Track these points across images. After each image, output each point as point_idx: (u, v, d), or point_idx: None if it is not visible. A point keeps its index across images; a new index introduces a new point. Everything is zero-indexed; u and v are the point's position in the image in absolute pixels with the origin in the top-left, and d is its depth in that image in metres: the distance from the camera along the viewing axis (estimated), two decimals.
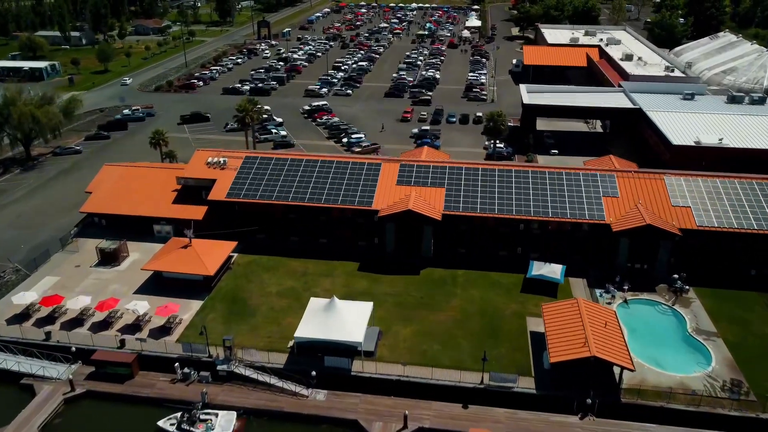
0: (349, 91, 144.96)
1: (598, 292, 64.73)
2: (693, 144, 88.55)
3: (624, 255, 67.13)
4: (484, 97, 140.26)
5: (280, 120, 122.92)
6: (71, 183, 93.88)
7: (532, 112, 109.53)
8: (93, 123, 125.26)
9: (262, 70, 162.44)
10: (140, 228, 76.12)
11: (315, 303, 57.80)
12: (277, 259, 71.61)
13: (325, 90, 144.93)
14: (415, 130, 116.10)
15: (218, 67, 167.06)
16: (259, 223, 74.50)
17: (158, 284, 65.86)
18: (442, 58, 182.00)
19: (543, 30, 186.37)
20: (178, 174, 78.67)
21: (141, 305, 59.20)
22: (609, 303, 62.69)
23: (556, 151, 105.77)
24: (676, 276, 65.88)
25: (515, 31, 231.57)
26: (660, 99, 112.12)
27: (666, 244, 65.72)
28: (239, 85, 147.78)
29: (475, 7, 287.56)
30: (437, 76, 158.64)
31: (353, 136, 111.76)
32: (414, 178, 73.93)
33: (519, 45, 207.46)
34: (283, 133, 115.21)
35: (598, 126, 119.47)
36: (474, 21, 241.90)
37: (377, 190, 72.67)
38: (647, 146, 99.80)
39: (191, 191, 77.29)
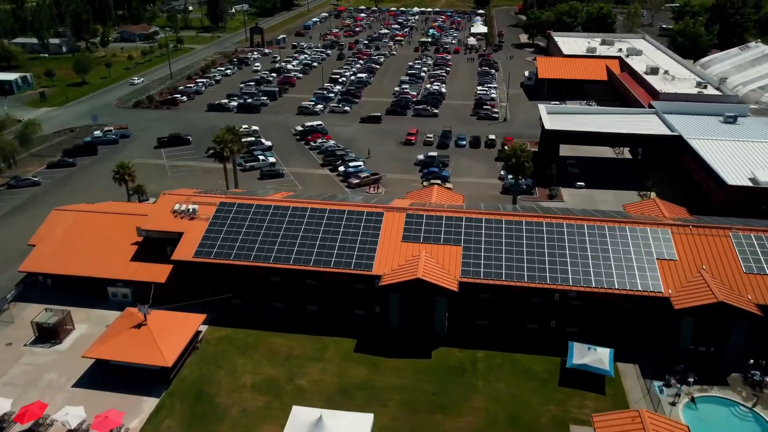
0: (346, 108, 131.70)
1: (656, 385, 51.46)
2: (750, 184, 75.42)
3: (687, 337, 53.91)
4: (496, 115, 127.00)
5: (268, 143, 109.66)
6: (22, 225, 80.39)
7: (555, 138, 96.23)
8: (60, 146, 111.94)
9: (252, 83, 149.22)
10: (93, 290, 63.04)
11: (298, 416, 44.47)
12: (255, 333, 58.34)
13: (320, 107, 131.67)
14: (421, 157, 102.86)
15: (205, 80, 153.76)
16: (235, 287, 61.40)
17: (104, 373, 52.58)
18: (448, 68, 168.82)
19: (556, 38, 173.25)
20: (140, 223, 65.45)
21: (74, 414, 45.90)
22: (674, 403, 49.50)
23: (583, 184, 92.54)
24: (751, 361, 52.82)
25: (524, 38, 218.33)
26: (698, 122, 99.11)
27: (741, 325, 52.53)
28: (226, 101, 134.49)
29: (480, 11, 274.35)
30: (443, 89, 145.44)
31: (351, 164, 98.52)
32: (423, 233, 60.72)
33: (529, 53, 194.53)
34: (272, 159, 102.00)
35: (626, 151, 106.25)
36: (480, 27, 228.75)
37: (379, 248, 59.47)
38: (691, 181, 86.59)
39: (155, 245, 64.12)
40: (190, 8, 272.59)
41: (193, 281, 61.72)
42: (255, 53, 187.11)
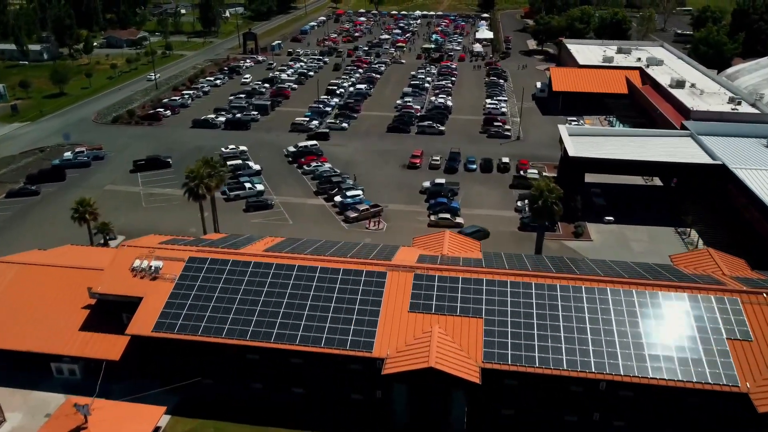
0: (344, 124, 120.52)
1: None
2: None
3: None
4: (508, 134, 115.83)
5: (257, 167, 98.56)
6: None
7: (580, 167, 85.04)
8: (27, 169, 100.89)
9: (243, 95, 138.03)
10: (34, 365, 52.01)
11: None
12: (228, 429, 47.27)
13: (315, 123, 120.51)
14: (427, 184, 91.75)
15: (191, 91, 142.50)
16: (204, 365, 50.35)
17: None
18: (453, 78, 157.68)
19: (569, 46, 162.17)
20: (94, 280, 54.32)
21: None
22: None
23: (612, 219, 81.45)
24: None
25: (532, 44, 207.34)
26: (739, 146, 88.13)
27: None
28: (212, 116, 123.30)
29: (485, 15, 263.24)
30: (449, 103, 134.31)
31: (348, 193, 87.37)
32: (435, 300, 49.59)
33: (539, 61, 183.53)
34: (260, 187, 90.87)
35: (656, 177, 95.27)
36: (485, 32, 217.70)
37: (381, 320, 48.34)
38: (740, 220, 75.53)
39: (110, 309, 53.04)
40: (183, 11, 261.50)
41: (154, 358, 50.66)
42: (247, 61, 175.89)
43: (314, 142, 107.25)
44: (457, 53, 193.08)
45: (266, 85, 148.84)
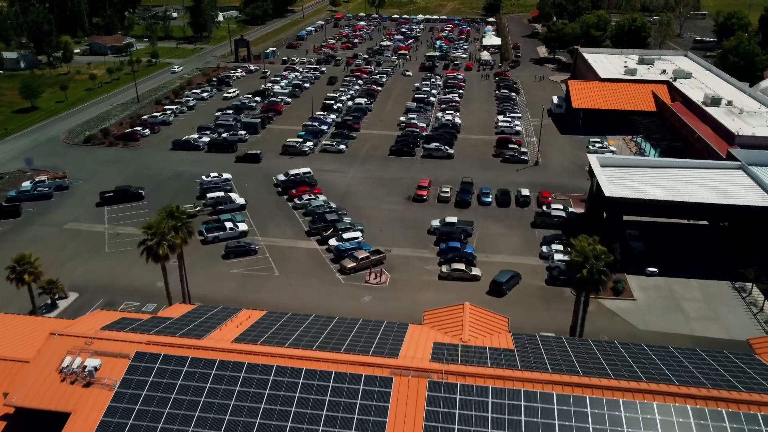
0: (342, 146, 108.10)
1: None
2: None
3: None
4: (525, 158, 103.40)
5: (241, 201, 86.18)
6: None
7: (618, 208, 72.59)
8: None
9: (230, 111, 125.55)
10: None
11: None
12: None
13: (309, 144, 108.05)
14: (436, 223, 79.42)
15: (174, 106, 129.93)
16: None
17: None
18: (461, 90, 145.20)
19: (586, 55, 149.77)
20: (17, 380, 42.03)
21: None
22: None
23: (656, 270, 69.12)
24: None
25: (543, 51, 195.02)
26: None
27: None
28: (196, 136, 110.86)
29: (491, 19, 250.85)
30: (457, 120, 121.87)
31: (346, 236, 75.02)
32: (458, 422, 37.25)
33: (551, 70, 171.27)
34: (243, 227, 78.52)
35: None
36: (492, 38, 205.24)
37: None
38: None
39: (32, 419, 40.76)
40: (175, 15, 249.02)
41: None
42: (239, 71, 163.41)
43: (307, 169, 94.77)
44: (464, 61, 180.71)
45: (257, 98, 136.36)
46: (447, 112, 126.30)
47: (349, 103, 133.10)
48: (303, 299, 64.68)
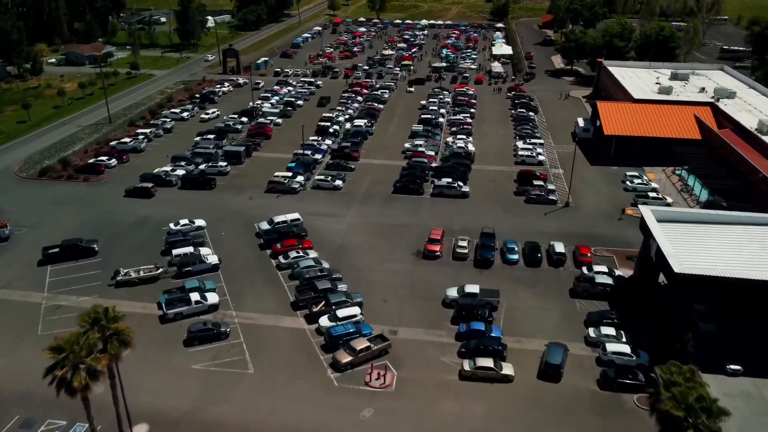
0: (338, 182, 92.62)
1: None
2: None
3: None
4: (554, 197, 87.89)
5: (214, 260, 70.76)
6: None
7: (691, 288, 56.99)
8: None
9: (212, 137, 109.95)
10: None
11: None
12: None
13: (300, 180, 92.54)
14: (453, 293, 64.11)
15: (149, 130, 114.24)
16: None
17: None
18: (473, 110, 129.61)
19: (611, 69, 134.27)
20: None
21: None
22: None
23: (739, 369, 53.81)
24: None
25: (558, 61, 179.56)
26: None
27: None
28: (168, 169, 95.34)
29: (500, 25, 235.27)
30: (470, 147, 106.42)
31: (341, 314, 59.66)
32: None
33: (569, 84, 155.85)
34: (213, 298, 63.19)
35: None
36: (503, 47, 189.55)
37: None
38: None
39: None
40: (163, 19, 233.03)
41: None
42: (225, 85, 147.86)
43: (296, 216, 79.30)
44: (473, 73, 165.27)
45: (243, 119, 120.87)
46: (458, 137, 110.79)
47: (347, 125, 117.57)
48: (284, 415, 49.40)
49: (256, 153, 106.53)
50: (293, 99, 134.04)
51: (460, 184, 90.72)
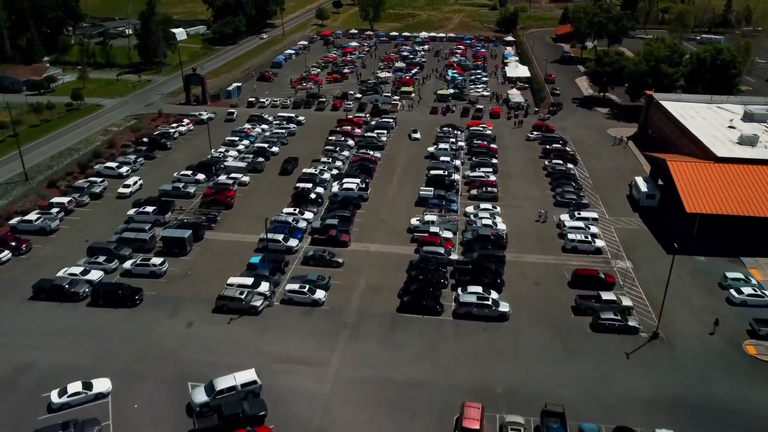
0: (318, 296, 63.98)
1: None
2: None
3: None
4: (634, 324, 59.77)
5: None
6: None
7: None
8: None
9: (151, 210, 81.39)
10: None
11: None
12: None
13: (264, 290, 64.41)
14: None
15: (67, 199, 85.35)
16: None
17: None
18: (493, 158, 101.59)
19: (665, 104, 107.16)
20: None
21: None
22: None
23: None
24: None
25: (583, 84, 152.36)
26: None
27: None
28: (77, 270, 66.96)
29: (509, 38, 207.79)
30: (500, 225, 78.56)
31: None
32: None
33: (603, 116, 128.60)
34: None
35: None
36: (518, 68, 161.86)
37: None
38: None
39: None
40: (129, 31, 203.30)
41: None
42: (184, 122, 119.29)
43: (250, 375, 51.11)
44: (486, 101, 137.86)
45: (199, 176, 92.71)
46: (482, 206, 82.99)
47: (334, 186, 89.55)
48: None
49: (210, 233, 78.43)
50: (266, 145, 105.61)
51: (495, 297, 63.00)
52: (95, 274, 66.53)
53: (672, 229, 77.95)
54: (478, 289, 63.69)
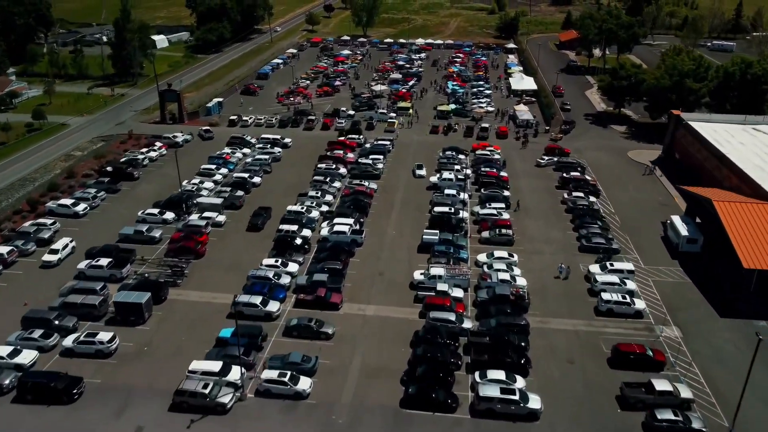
0: (301, 385, 51.46)
1: None
2: None
3: None
4: (700, 427, 47.78)
5: None
6: None
7: None
8: None
9: (106, 263, 68.47)
10: None
11: None
12: None
13: (235, 379, 51.75)
14: None
15: (7, 248, 72.37)
16: None
17: None
18: (507, 192, 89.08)
19: (696, 126, 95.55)
20: None
21: None
22: None
23: None
24: None
25: (595, 97, 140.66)
26: None
27: None
28: (10, 345, 54.09)
29: (511, 45, 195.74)
30: (520, 279, 66.42)
31: None
32: None
33: (620, 135, 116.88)
34: None
35: None
36: (524, 80, 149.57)
37: None
38: None
39: None
40: (105, 38, 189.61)
41: None
42: (157, 146, 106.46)
43: None
44: (491, 119, 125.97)
45: (168, 216, 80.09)
46: (497, 258, 70.61)
47: (324, 229, 77.09)
48: None
49: (176, 290, 65.86)
50: (246, 175, 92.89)
51: (522, 387, 50.82)
52: (27, 356, 53.90)
53: (721, 281, 66.07)
54: (500, 374, 51.50)
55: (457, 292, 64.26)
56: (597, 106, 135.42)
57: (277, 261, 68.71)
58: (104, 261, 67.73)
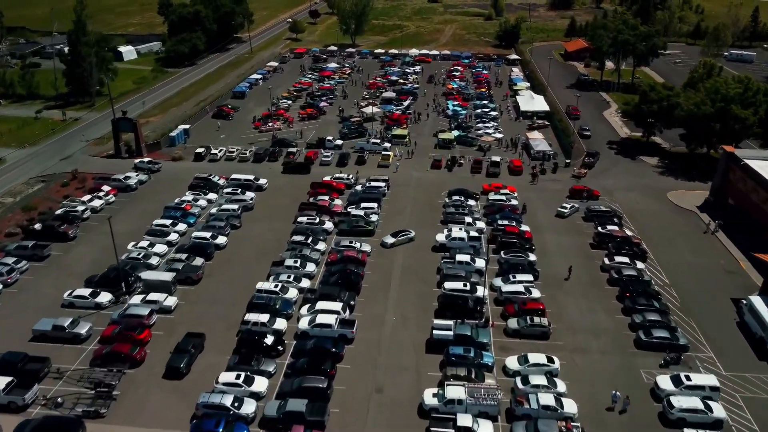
0: None
1: None
2: None
3: None
4: None
5: None
6: None
7: None
8: None
9: (11, 382, 50.44)
10: None
11: None
12: None
13: None
14: None
15: None
16: None
17: None
18: (532, 256, 71.64)
19: (756, 167, 78.75)
20: None
21: None
22: None
23: None
24: None
25: (616, 120, 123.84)
26: None
27: None
28: None
29: (514, 56, 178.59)
30: (562, 393, 49.02)
31: None
32: None
33: (653, 170, 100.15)
34: None
35: None
36: (533, 99, 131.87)
37: None
38: None
39: None
40: (66, 49, 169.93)
41: None
42: (103, 191, 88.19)
43: None
44: (501, 148, 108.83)
45: (104, 296, 62.03)
46: (532, 365, 53.17)
47: (302, 318, 59.33)
48: None
49: (97, 427, 47.70)
50: (209, 234, 74.81)
51: None
52: None
53: None
54: None
55: (485, 427, 46.73)
56: (620, 131, 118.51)
57: (238, 377, 50.82)
58: (2, 381, 49.50)
